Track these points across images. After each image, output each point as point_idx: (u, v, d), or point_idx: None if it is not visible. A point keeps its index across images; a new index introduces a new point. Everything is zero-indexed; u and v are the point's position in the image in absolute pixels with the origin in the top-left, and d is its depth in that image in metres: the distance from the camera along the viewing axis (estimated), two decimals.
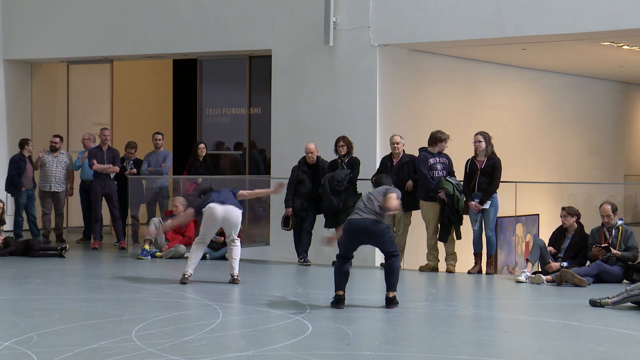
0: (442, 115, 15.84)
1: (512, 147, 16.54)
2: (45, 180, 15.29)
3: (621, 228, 11.22)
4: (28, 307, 9.09)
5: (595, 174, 20.65)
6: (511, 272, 15.34)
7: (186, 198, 14.11)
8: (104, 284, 10.85)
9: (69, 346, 7.09)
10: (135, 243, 14.69)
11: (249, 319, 8.79)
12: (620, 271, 11.07)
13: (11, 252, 13.45)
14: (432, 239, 12.37)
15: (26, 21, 17.80)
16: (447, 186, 12.07)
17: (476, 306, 9.69)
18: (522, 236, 16.92)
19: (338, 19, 14.62)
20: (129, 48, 16.90)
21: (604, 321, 8.56)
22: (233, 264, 10.89)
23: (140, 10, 16.67)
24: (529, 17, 13.42)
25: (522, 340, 8.06)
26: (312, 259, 13.07)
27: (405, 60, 15.05)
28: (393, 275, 9.20)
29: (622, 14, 12.87)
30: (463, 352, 7.30)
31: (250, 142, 16.39)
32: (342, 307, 9.12)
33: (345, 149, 12.79)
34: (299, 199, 12.89)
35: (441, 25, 14.00)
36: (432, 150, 12.32)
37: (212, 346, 7.27)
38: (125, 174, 14.86)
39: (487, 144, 12.03)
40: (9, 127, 17.90)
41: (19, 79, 18.20)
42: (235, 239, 10.91)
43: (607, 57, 17.13)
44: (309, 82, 15.04)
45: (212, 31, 15.93)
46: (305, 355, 6.90)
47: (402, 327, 8.29)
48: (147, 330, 7.79)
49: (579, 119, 20.48)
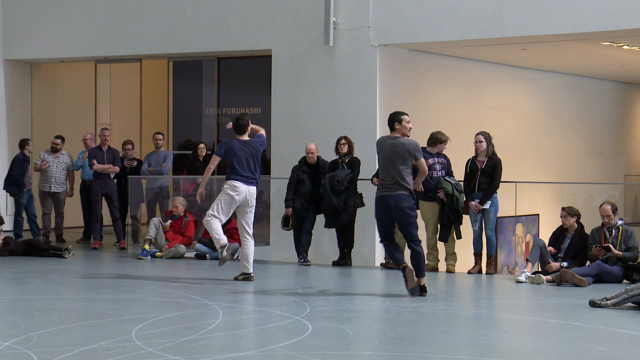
0: (442, 115, 15.85)
1: (512, 147, 16.55)
2: (45, 181, 15.30)
3: (621, 228, 11.22)
4: (28, 307, 9.09)
5: (595, 174, 20.66)
6: (511, 272, 15.34)
7: (186, 198, 14.13)
8: (104, 284, 10.85)
9: (69, 346, 7.09)
10: (135, 243, 14.70)
11: (249, 319, 8.79)
12: (620, 271, 11.07)
13: (10, 252, 13.45)
14: (432, 238, 12.37)
15: (26, 21, 17.81)
16: (446, 186, 12.08)
17: (476, 306, 9.68)
18: (522, 236, 16.91)
19: (338, 19, 14.62)
20: (128, 48, 16.91)
21: (604, 321, 8.56)
22: (249, 261, 10.90)
23: (140, 11, 16.68)
24: (529, 17, 13.42)
25: (522, 340, 8.06)
26: (312, 259, 13.08)
27: (405, 60, 15.05)
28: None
29: (622, 14, 12.87)
30: (463, 352, 7.30)
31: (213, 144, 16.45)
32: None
33: (347, 148, 12.80)
34: (299, 199, 12.89)
35: (441, 25, 14.00)
36: (431, 151, 12.33)
37: (212, 346, 7.27)
38: (125, 163, 14.87)
39: (488, 144, 12.03)
40: (9, 127, 17.91)
41: (19, 79, 18.21)
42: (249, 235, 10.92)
43: (607, 57, 17.13)
44: (309, 82, 15.05)
45: (212, 31, 15.94)
46: (305, 355, 6.90)
47: (402, 327, 8.29)
48: (147, 330, 7.79)
49: (579, 119, 20.49)
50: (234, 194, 10.69)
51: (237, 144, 10.79)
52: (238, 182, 10.69)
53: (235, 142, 10.81)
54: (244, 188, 10.71)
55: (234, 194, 10.68)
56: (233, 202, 10.72)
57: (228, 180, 10.72)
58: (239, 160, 10.72)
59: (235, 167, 10.71)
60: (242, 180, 10.71)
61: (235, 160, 10.70)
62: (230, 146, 10.75)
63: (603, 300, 9.26)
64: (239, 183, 10.69)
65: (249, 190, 10.76)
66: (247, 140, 10.90)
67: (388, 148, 9.69)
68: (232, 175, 10.72)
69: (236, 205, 10.76)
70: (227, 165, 10.82)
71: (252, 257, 10.96)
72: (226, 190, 10.70)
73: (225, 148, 10.76)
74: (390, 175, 9.60)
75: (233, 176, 10.71)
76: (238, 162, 10.71)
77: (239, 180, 10.70)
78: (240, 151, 10.74)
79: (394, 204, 9.55)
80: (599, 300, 9.27)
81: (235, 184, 10.69)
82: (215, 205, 10.74)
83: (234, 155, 10.71)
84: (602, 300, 9.26)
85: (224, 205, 10.71)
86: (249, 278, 10.92)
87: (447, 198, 12.09)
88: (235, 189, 10.69)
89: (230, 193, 10.69)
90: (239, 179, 10.70)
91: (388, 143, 9.75)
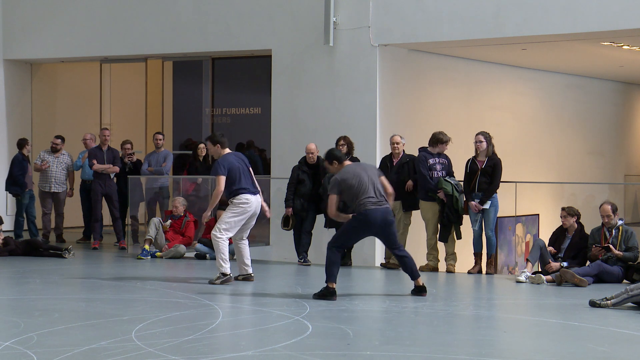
0: (442, 115, 15.85)
1: (512, 147, 16.54)
2: (45, 181, 15.30)
3: (621, 228, 11.21)
4: (28, 307, 9.09)
5: (595, 174, 20.66)
6: (511, 272, 15.34)
7: (186, 198, 14.12)
8: (104, 284, 10.85)
9: (69, 346, 7.09)
10: (135, 243, 14.69)
11: (249, 319, 8.79)
12: (620, 271, 11.07)
13: (10, 252, 13.45)
14: (432, 239, 12.37)
15: (26, 21, 17.81)
16: (446, 186, 12.07)
17: (476, 306, 9.68)
18: (522, 236, 16.91)
19: (338, 19, 14.62)
20: (128, 48, 16.91)
21: (604, 321, 8.56)
22: (248, 262, 10.93)
23: (140, 11, 16.68)
24: (529, 17, 13.42)
25: (522, 340, 8.06)
26: (312, 259, 13.07)
27: (405, 60, 15.05)
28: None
29: (622, 14, 12.87)
30: (463, 352, 7.30)
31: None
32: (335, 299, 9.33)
33: (346, 149, 12.79)
34: (299, 199, 12.89)
35: (441, 25, 14.00)
36: (431, 151, 12.32)
37: (212, 346, 7.27)
38: (126, 159, 14.86)
39: (488, 144, 12.03)
40: (9, 127, 17.91)
41: (19, 79, 18.21)
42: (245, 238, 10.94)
43: (607, 57, 17.13)
44: (309, 82, 15.04)
45: (212, 31, 15.94)
46: (305, 355, 6.90)
47: (402, 327, 8.29)
48: (147, 330, 7.79)
49: (579, 119, 20.49)
50: (247, 207, 10.67)
51: (233, 158, 10.77)
52: (248, 195, 10.66)
53: (230, 157, 10.75)
54: (254, 199, 10.71)
55: (247, 206, 10.66)
56: (245, 216, 10.72)
57: (237, 196, 10.62)
58: (243, 172, 10.69)
59: (240, 180, 10.65)
60: (251, 193, 10.70)
61: (239, 174, 10.65)
62: (231, 162, 10.68)
63: (603, 300, 9.26)
64: (249, 195, 10.67)
65: (257, 201, 10.77)
66: (234, 152, 10.96)
67: (363, 169, 9.67)
68: (240, 190, 10.64)
69: (247, 218, 10.78)
70: (229, 181, 10.64)
71: (249, 257, 10.96)
72: (238, 206, 10.64)
73: (227, 166, 10.62)
74: (378, 191, 9.59)
75: (241, 191, 10.64)
76: (243, 174, 10.67)
77: (247, 193, 10.66)
78: (240, 164, 10.74)
79: (389, 218, 9.60)
80: (599, 300, 9.27)
81: (246, 198, 10.64)
82: (227, 222, 10.64)
83: (236, 170, 10.66)
84: (602, 300, 9.26)
85: (236, 220, 10.68)
86: (249, 278, 10.93)
87: (446, 198, 12.08)
88: (247, 202, 10.66)
89: (243, 207, 10.64)
90: (248, 192, 10.67)
91: (359, 167, 9.81)
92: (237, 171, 10.64)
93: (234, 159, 10.73)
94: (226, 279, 10.64)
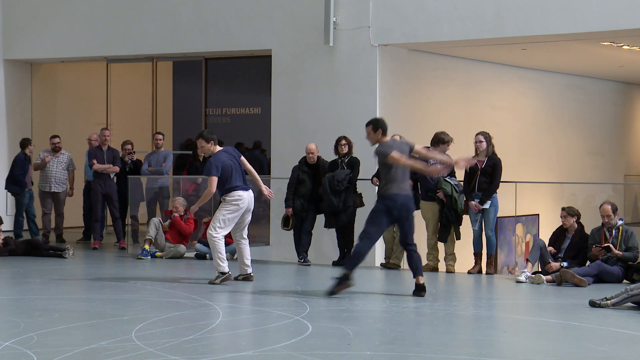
0: (442, 115, 15.86)
1: (512, 147, 16.55)
2: (45, 181, 15.30)
3: (621, 228, 11.21)
4: (28, 307, 9.09)
5: (595, 174, 20.66)
6: (511, 272, 15.34)
7: (186, 198, 14.11)
8: (104, 284, 10.85)
9: (69, 346, 7.09)
10: (135, 243, 14.69)
11: (249, 319, 8.79)
12: (620, 271, 11.07)
13: (10, 252, 13.44)
14: (432, 238, 12.37)
15: (26, 21, 17.81)
16: (445, 186, 12.07)
17: (476, 306, 9.68)
18: (522, 236, 16.91)
19: (338, 19, 14.63)
20: (129, 48, 16.91)
21: (604, 321, 8.56)
22: (248, 262, 10.94)
23: (140, 11, 16.69)
24: (529, 17, 13.42)
25: (522, 340, 8.06)
26: (312, 259, 13.08)
27: (405, 60, 15.05)
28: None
29: (622, 14, 12.87)
30: (463, 352, 7.30)
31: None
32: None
33: (347, 149, 12.80)
34: (299, 199, 12.89)
35: (441, 25, 14.00)
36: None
37: (212, 346, 7.27)
38: (126, 158, 14.87)
39: (488, 144, 12.03)
40: (9, 127, 17.91)
41: (19, 79, 18.21)
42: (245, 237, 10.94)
43: (607, 57, 17.13)
44: (309, 82, 15.05)
45: (212, 31, 15.94)
46: (305, 355, 6.90)
47: (402, 327, 8.29)
48: (147, 330, 7.79)
49: (579, 119, 20.49)
50: (240, 204, 10.67)
51: (224, 155, 10.73)
52: (241, 192, 10.66)
53: (221, 155, 10.71)
54: (246, 195, 10.71)
55: (240, 203, 10.66)
56: (239, 212, 10.72)
57: (229, 193, 10.62)
58: (235, 169, 10.67)
59: (232, 177, 10.63)
60: (244, 189, 10.70)
61: (231, 171, 10.63)
62: (223, 161, 10.64)
63: (603, 300, 9.26)
64: (242, 192, 10.67)
65: (250, 196, 10.77)
66: (225, 148, 10.92)
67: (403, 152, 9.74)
68: (233, 188, 10.62)
69: (241, 214, 10.77)
70: (222, 179, 10.60)
71: (249, 258, 10.97)
72: (231, 203, 10.64)
73: (220, 165, 10.59)
74: (407, 175, 9.78)
75: (234, 188, 10.63)
76: (235, 171, 10.65)
77: (240, 189, 10.66)
78: (232, 160, 10.70)
79: (411, 205, 9.83)
80: (599, 300, 9.27)
81: (239, 195, 10.64)
82: (220, 220, 10.65)
83: (228, 167, 10.64)
84: (602, 300, 9.26)
85: (231, 218, 10.68)
86: (249, 278, 10.93)
87: (446, 198, 12.08)
88: (240, 199, 10.65)
89: (236, 204, 10.64)
90: (240, 189, 10.67)
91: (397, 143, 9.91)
92: (229, 169, 10.63)
93: (226, 157, 10.71)
94: (225, 277, 10.65)
